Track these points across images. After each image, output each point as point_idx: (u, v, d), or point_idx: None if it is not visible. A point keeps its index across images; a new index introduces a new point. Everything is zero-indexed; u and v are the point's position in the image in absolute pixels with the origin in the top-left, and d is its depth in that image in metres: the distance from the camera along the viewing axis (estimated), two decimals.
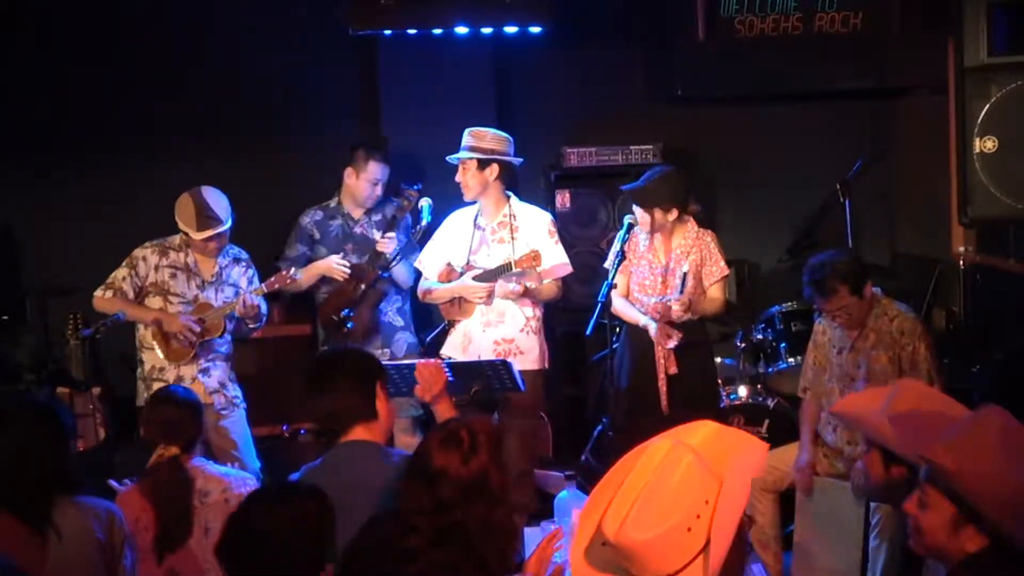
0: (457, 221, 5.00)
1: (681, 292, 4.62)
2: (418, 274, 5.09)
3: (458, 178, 4.85)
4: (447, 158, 4.87)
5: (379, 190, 5.29)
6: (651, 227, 4.71)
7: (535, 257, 4.65)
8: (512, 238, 4.84)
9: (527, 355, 4.80)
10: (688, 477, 1.82)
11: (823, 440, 4.44)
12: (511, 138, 4.92)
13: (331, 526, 2.41)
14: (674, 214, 4.68)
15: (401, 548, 2.38)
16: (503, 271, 4.73)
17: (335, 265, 5.17)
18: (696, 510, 1.80)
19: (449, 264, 4.91)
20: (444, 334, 5.05)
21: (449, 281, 4.89)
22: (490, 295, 4.77)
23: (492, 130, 4.89)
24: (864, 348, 4.28)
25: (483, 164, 4.79)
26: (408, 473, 2.49)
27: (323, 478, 2.97)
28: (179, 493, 3.48)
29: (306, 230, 5.36)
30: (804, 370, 4.59)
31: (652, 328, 4.65)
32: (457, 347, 4.87)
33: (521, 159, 4.94)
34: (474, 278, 4.80)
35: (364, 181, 5.25)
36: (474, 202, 4.98)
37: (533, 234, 4.84)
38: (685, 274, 4.64)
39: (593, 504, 1.94)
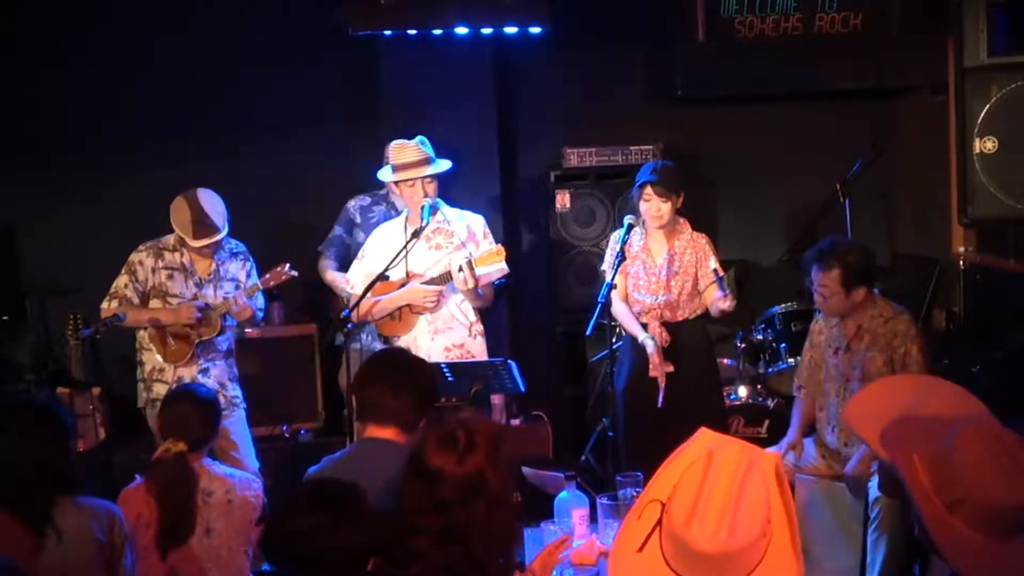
0: (386, 234, 4.84)
1: (723, 288, 4.49)
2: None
3: (422, 193, 4.67)
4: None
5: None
6: (668, 216, 4.65)
7: (498, 252, 4.59)
8: (449, 243, 4.76)
9: (478, 359, 4.75)
10: (761, 484, 1.88)
11: (822, 441, 4.44)
12: None
13: (377, 526, 2.41)
14: (681, 200, 4.71)
15: (405, 548, 2.38)
16: (447, 279, 4.63)
17: (341, 286, 5.21)
18: (767, 516, 1.87)
19: (383, 277, 4.68)
20: None
21: (386, 294, 4.72)
22: (439, 299, 4.67)
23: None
24: (859, 349, 4.28)
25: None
26: (408, 473, 2.50)
27: (344, 469, 3.01)
28: (182, 491, 3.47)
29: (348, 213, 5.39)
30: (800, 368, 4.59)
31: (650, 346, 4.63)
32: None
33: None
34: (422, 283, 4.69)
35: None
36: (398, 213, 5.00)
37: (468, 238, 4.77)
38: (715, 270, 4.57)
39: (638, 511, 1.95)
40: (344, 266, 5.27)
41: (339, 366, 5.52)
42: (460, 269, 4.53)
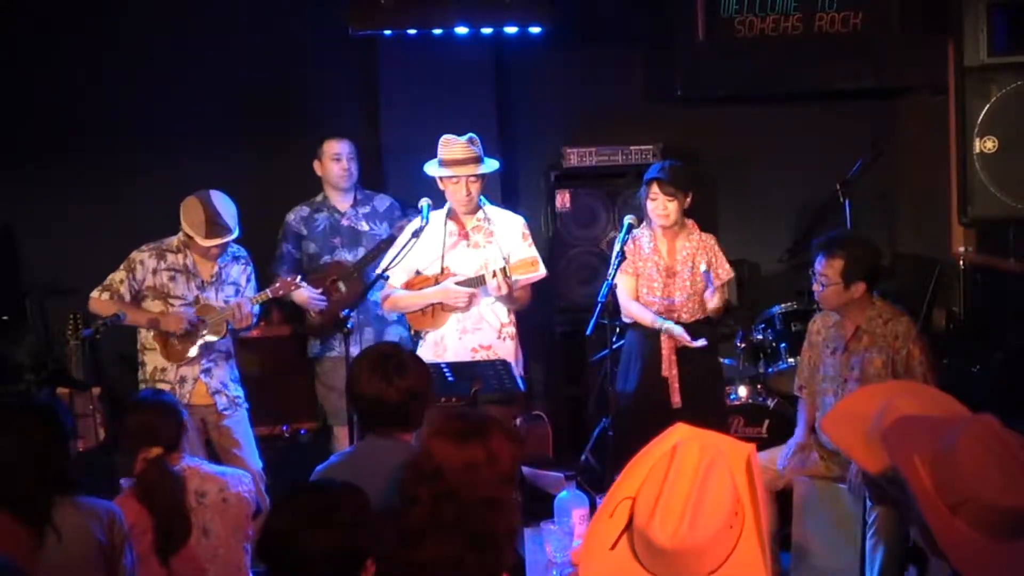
0: (426, 226, 4.75)
1: (712, 288, 4.60)
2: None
3: (465, 191, 4.62)
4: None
5: (347, 165, 5.32)
6: (675, 216, 4.66)
7: (533, 263, 4.53)
8: (488, 242, 4.72)
9: None
10: (726, 478, 1.88)
11: (819, 442, 4.44)
12: None
13: (364, 528, 2.37)
14: (689, 200, 4.71)
15: (405, 529, 2.38)
16: (480, 282, 4.59)
17: (311, 300, 5.16)
18: (734, 508, 1.87)
19: (418, 271, 4.71)
20: None
21: (420, 289, 4.70)
22: (471, 300, 4.63)
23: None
24: (857, 350, 4.27)
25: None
26: (410, 459, 2.53)
27: (347, 467, 3.05)
28: (170, 493, 3.46)
29: (292, 228, 5.39)
30: (800, 368, 4.59)
31: (677, 331, 4.63)
32: (428, 357, 4.61)
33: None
34: (456, 284, 4.64)
35: (328, 160, 5.33)
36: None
37: (508, 238, 4.73)
38: (707, 271, 4.62)
39: (609, 509, 1.95)
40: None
41: (316, 375, 5.50)
42: (494, 275, 4.51)
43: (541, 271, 4.60)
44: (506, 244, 4.72)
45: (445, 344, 4.70)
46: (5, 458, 2.84)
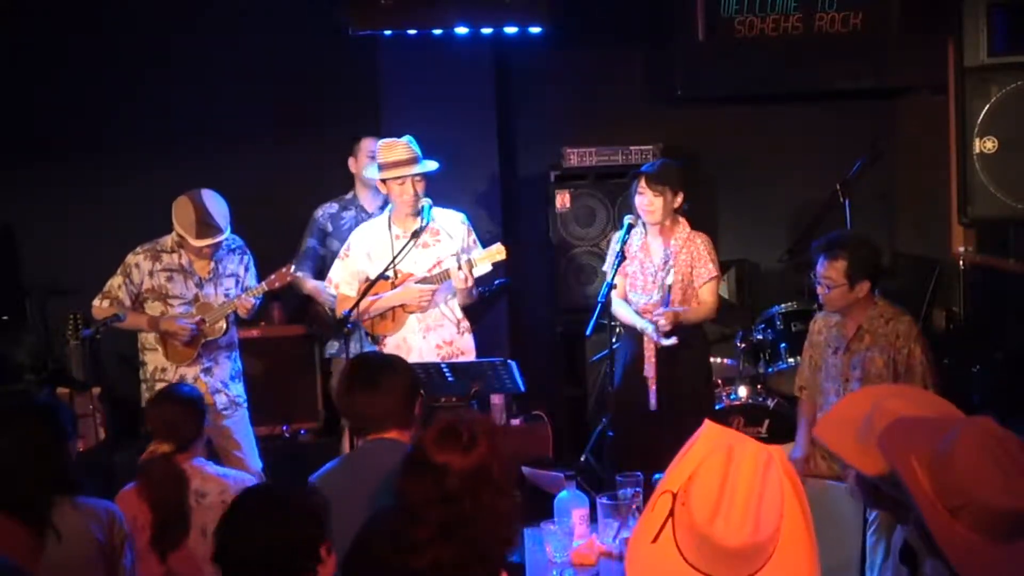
0: (370, 233, 4.82)
1: (666, 306, 4.60)
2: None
3: (412, 192, 4.66)
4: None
5: None
6: (661, 213, 4.67)
7: (500, 251, 4.64)
8: (436, 240, 4.78)
9: (467, 356, 4.77)
10: (778, 480, 1.89)
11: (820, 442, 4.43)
12: None
13: (313, 519, 2.44)
14: (679, 200, 4.70)
15: (408, 541, 2.39)
16: (444, 277, 4.67)
17: (324, 292, 5.17)
18: (781, 510, 1.88)
19: (368, 278, 4.71)
20: None
21: (377, 294, 4.71)
22: (433, 298, 4.70)
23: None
24: (859, 349, 4.26)
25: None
26: (410, 469, 2.50)
27: (344, 470, 3.08)
28: (172, 492, 3.47)
29: (318, 224, 5.40)
30: (800, 369, 4.58)
31: (650, 329, 4.64)
32: None
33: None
34: (416, 282, 4.71)
35: (364, 158, 5.33)
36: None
37: (455, 235, 4.80)
38: (669, 286, 4.62)
39: (652, 504, 1.96)
40: (320, 278, 5.21)
41: (330, 375, 5.51)
42: (460, 267, 4.57)
43: (489, 266, 4.72)
44: (455, 238, 4.78)
45: (409, 345, 4.73)
46: (5, 458, 2.83)
